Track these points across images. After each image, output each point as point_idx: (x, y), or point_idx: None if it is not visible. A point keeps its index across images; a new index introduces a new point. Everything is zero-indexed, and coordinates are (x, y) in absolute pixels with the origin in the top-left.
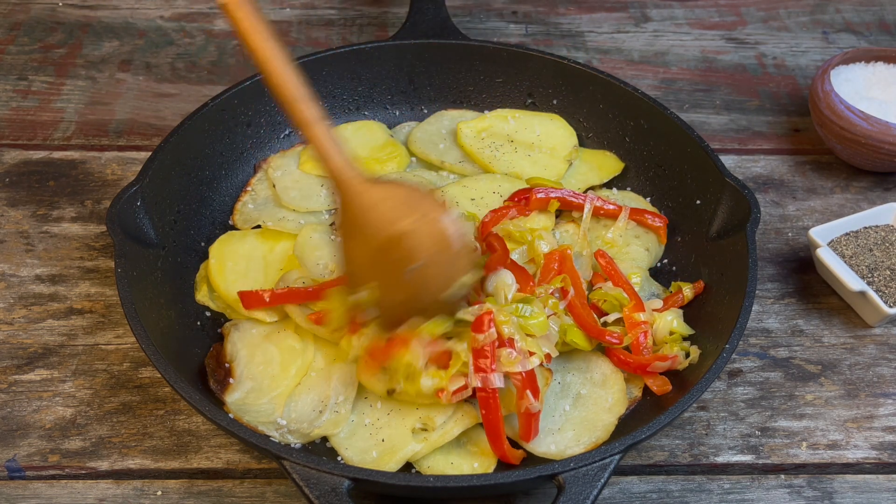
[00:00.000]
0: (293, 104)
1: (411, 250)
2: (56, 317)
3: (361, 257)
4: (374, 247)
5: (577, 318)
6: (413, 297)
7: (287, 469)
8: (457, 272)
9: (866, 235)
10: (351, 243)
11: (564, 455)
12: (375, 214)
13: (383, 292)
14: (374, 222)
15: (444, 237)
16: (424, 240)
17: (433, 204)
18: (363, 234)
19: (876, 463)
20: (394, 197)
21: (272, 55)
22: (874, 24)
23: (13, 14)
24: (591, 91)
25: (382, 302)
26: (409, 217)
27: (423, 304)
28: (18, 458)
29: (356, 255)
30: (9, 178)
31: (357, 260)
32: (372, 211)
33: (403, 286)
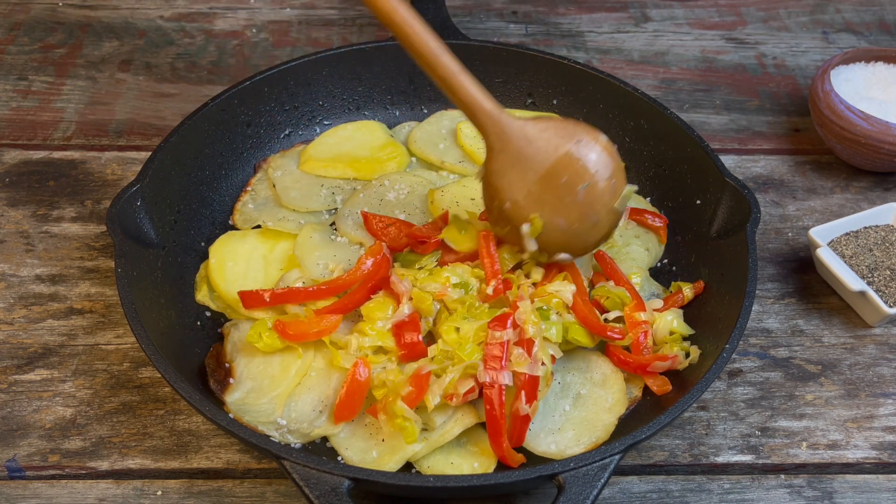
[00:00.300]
0: (435, 58)
1: (580, 170)
2: (56, 317)
3: (523, 189)
4: (539, 175)
5: (580, 315)
6: (582, 218)
7: (287, 469)
8: (620, 185)
9: (866, 235)
10: (509, 179)
11: (564, 455)
12: (540, 144)
13: (549, 220)
14: (539, 151)
15: (606, 154)
16: (591, 159)
17: (587, 128)
18: (526, 165)
19: (876, 463)
20: (551, 128)
21: (405, 17)
22: (874, 24)
23: (13, 14)
24: (591, 91)
25: (546, 231)
26: (570, 141)
27: (591, 223)
28: (18, 458)
29: (517, 189)
30: (9, 178)
31: (518, 193)
32: (536, 141)
33: (571, 209)
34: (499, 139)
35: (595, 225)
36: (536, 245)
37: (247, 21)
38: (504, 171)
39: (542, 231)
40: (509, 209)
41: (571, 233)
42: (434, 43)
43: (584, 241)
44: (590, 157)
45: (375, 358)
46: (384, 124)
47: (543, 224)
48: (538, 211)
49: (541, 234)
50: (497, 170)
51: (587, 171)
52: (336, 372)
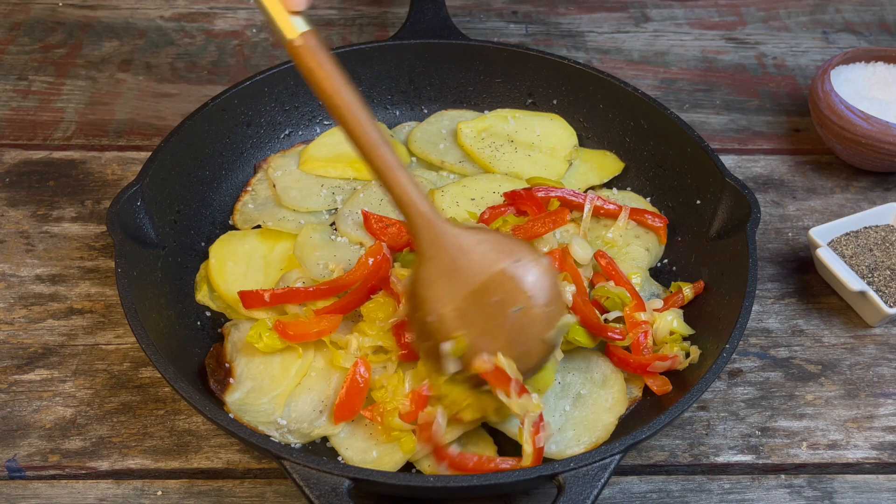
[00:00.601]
0: (373, 150)
1: (515, 291)
2: (56, 317)
3: (450, 303)
4: (469, 290)
5: (580, 315)
6: (510, 344)
7: (287, 469)
8: (557, 314)
9: (866, 235)
10: (437, 290)
11: (564, 455)
12: (475, 256)
13: (474, 341)
14: (473, 264)
15: (546, 278)
16: (528, 280)
17: (527, 248)
18: (457, 278)
19: (876, 463)
20: (489, 241)
21: (347, 101)
22: (874, 24)
23: (13, 14)
24: (591, 91)
25: (469, 353)
26: (508, 259)
27: (520, 351)
28: (18, 458)
29: (444, 302)
30: (9, 178)
31: (445, 307)
32: (471, 254)
33: (500, 332)
34: (431, 245)
35: (524, 354)
36: (457, 366)
37: (247, 21)
38: (433, 280)
39: (465, 353)
40: (433, 323)
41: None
42: (375, 134)
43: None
44: (527, 278)
45: (375, 358)
46: (384, 124)
47: (467, 345)
48: (464, 330)
49: (463, 355)
50: (425, 278)
51: (522, 293)
52: (336, 372)
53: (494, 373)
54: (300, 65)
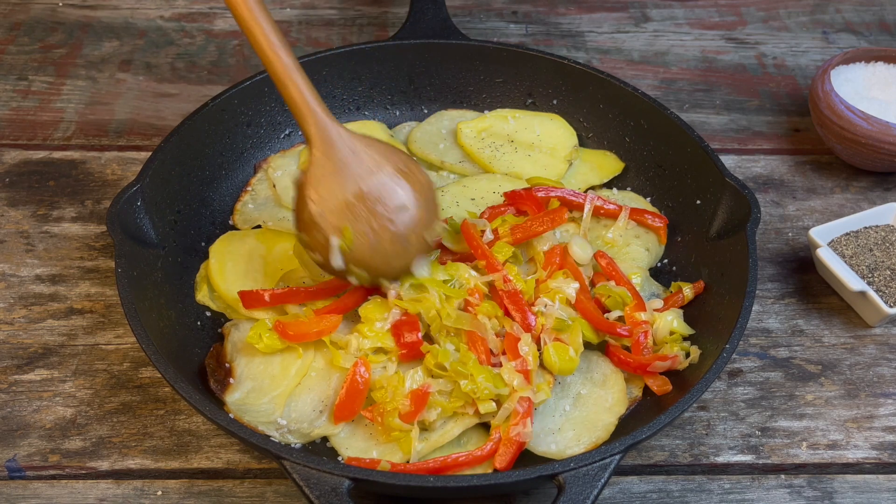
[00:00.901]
0: (272, 50)
1: (400, 193)
2: (56, 317)
3: (340, 199)
4: (358, 188)
5: (584, 312)
6: (393, 240)
7: (287, 469)
8: (433, 218)
9: (866, 235)
10: (328, 186)
11: (564, 455)
12: (365, 158)
13: (360, 235)
14: (362, 165)
15: (427, 185)
16: (413, 182)
17: (411, 158)
18: (348, 176)
19: (876, 463)
20: (377, 145)
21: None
22: (874, 24)
23: (13, 14)
24: (591, 91)
25: (355, 247)
26: (396, 163)
27: (402, 247)
28: (18, 458)
29: (334, 198)
30: (9, 178)
31: (334, 202)
32: (361, 155)
33: (385, 229)
34: (324, 143)
35: (404, 250)
36: (342, 261)
37: None
38: (324, 177)
39: (352, 246)
40: (322, 217)
41: (380, 253)
42: (276, 38)
43: (390, 265)
44: (413, 181)
45: (375, 358)
46: (384, 124)
47: (353, 239)
48: (351, 224)
49: (349, 249)
50: (318, 175)
51: (408, 195)
52: (336, 372)
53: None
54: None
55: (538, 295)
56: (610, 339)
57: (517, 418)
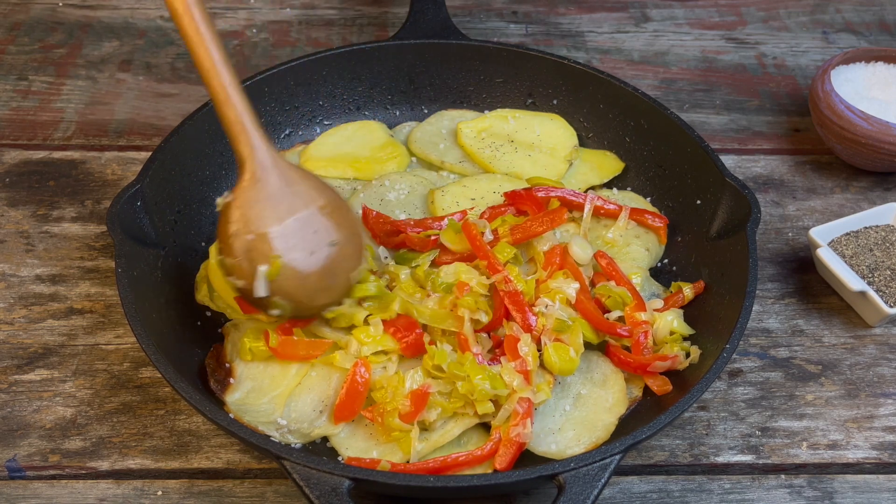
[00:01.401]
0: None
1: (333, 228)
2: (56, 317)
3: (271, 225)
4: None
5: (584, 312)
6: (321, 275)
7: (287, 469)
8: (360, 259)
9: (866, 235)
10: (261, 210)
11: (564, 455)
12: (300, 188)
13: (287, 265)
14: (298, 195)
15: (358, 224)
16: (345, 220)
17: (338, 195)
18: (282, 203)
19: (876, 463)
20: (311, 179)
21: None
22: (874, 24)
23: (13, 14)
24: (591, 91)
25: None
26: (330, 197)
27: (327, 283)
28: (19, 458)
29: (265, 223)
30: (9, 178)
31: (266, 227)
32: (297, 185)
33: (313, 262)
34: (259, 168)
35: (329, 287)
36: (267, 289)
37: (247, 21)
38: (257, 202)
39: (278, 276)
40: (251, 241)
41: (306, 287)
42: (217, 53)
43: (313, 300)
44: (344, 219)
45: (375, 358)
46: (384, 124)
47: (282, 269)
48: (279, 252)
49: (274, 279)
50: (250, 199)
51: (340, 230)
52: (336, 372)
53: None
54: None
55: (538, 295)
56: (610, 339)
57: (517, 419)
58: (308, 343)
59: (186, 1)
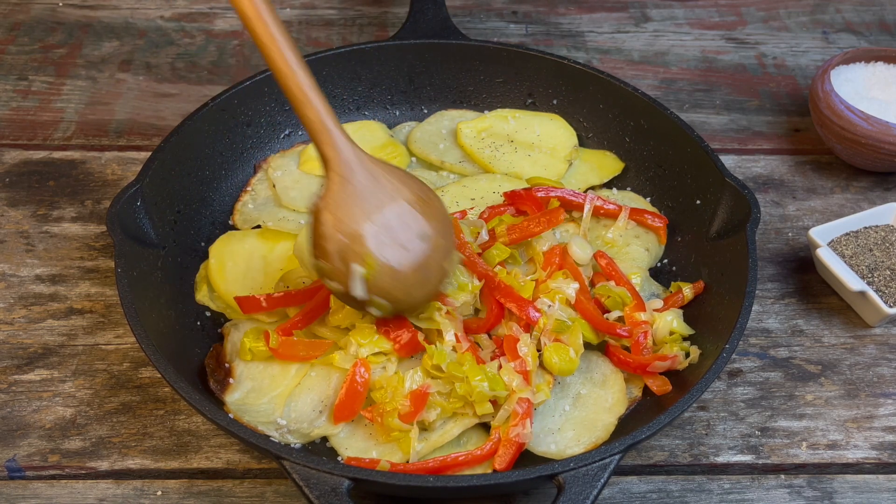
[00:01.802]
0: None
1: (422, 220)
2: (56, 317)
3: (362, 224)
4: (381, 214)
5: (583, 313)
6: (415, 268)
7: (287, 469)
8: (452, 247)
9: (866, 235)
10: (349, 210)
11: (564, 455)
12: (386, 183)
13: (382, 263)
14: (384, 190)
15: (446, 213)
16: (434, 211)
17: (424, 184)
18: (370, 201)
19: (876, 463)
20: (398, 171)
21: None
22: (874, 24)
23: (13, 14)
24: (591, 91)
25: (377, 276)
26: (417, 190)
27: (423, 276)
28: (18, 458)
29: (356, 222)
30: (9, 178)
31: (357, 226)
32: (382, 180)
33: (407, 256)
34: (344, 167)
35: (425, 279)
36: (364, 290)
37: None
38: (344, 201)
39: (374, 274)
40: (344, 243)
41: (401, 282)
42: (292, 55)
43: (410, 295)
44: (433, 209)
45: (375, 358)
46: (384, 124)
47: (376, 266)
48: (373, 251)
49: (371, 278)
50: (338, 200)
51: (429, 222)
52: (336, 372)
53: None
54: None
55: (537, 296)
56: (610, 339)
57: (516, 419)
58: (308, 343)
59: (258, 7)
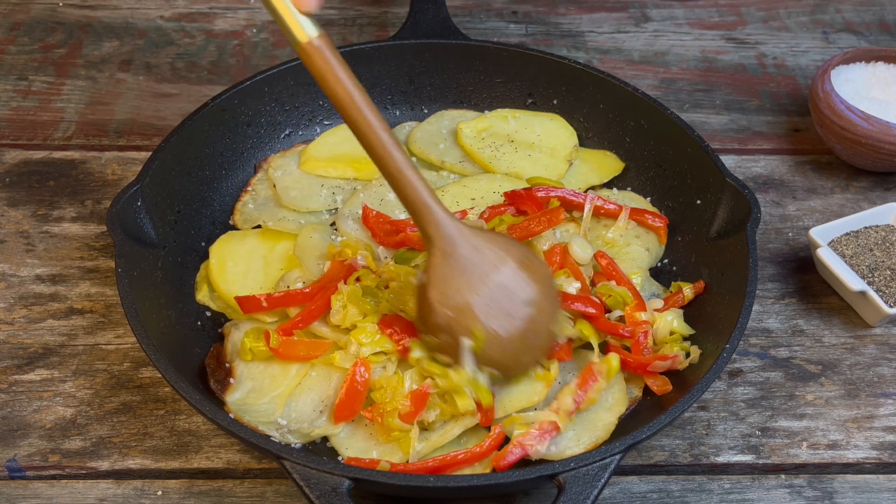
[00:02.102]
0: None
1: (526, 286)
2: (56, 317)
3: (466, 297)
4: (485, 285)
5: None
6: (523, 336)
7: (287, 469)
8: (557, 308)
9: (866, 235)
10: (454, 284)
11: (564, 455)
12: (487, 253)
13: (490, 334)
14: (486, 260)
15: (550, 276)
16: (537, 275)
17: (530, 249)
18: (473, 273)
19: (876, 463)
20: (499, 239)
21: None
22: (874, 24)
23: (13, 14)
24: (591, 91)
25: (485, 347)
26: (518, 255)
27: (531, 342)
28: (19, 458)
29: (461, 296)
30: (9, 178)
31: (462, 300)
32: (484, 250)
33: (513, 325)
34: (446, 242)
35: (533, 346)
36: (474, 363)
37: (247, 21)
38: (449, 277)
39: (483, 346)
40: (451, 318)
41: (510, 350)
42: (386, 136)
43: (519, 362)
44: (536, 273)
45: (375, 358)
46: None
47: (485, 338)
48: (480, 324)
49: (480, 350)
50: (442, 275)
51: (533, 287)
52: (336, 372)
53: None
54: (312, 68)
55: None
56: (610, 338)
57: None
58: (308, 343)
59: (351, 92)
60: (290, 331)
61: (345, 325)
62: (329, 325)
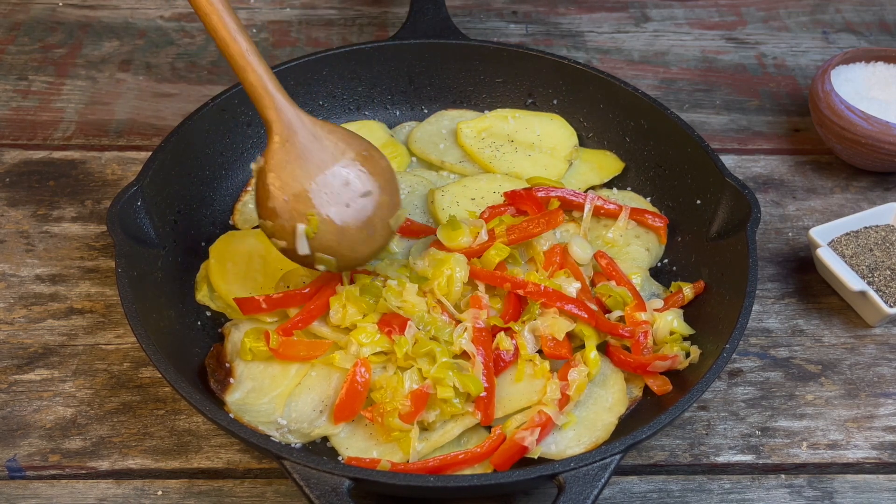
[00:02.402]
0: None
1: (364, 178)
2: (56, 317)
3: (304, 184)
4: (323, 173)
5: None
6: (359, 226)
7: (287, 469)
8: (397, 204)
9: (866, 235)
10: (292, 171)
11: (564, 455)
12: (327, 143)
13: (325, 220)
14: (325, 150)
15: (389, 171)
16: (377, 168)
17: (371, 144)
18: (311, 161)
19: (876, 463)
20: (339, 131)
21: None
22: (874, 24)
23: (13, 14)
24: (591, 91)
25: (320, 233)
26: (358, 149)
27: (367, 233)
28: (19, 458)
29: (298, 183)
30: (9, 178)
31: (299, 186)
32: (323, 140)
33: (349, 214)
34: (286, 129)
35: (370, 237)
36: (308, 247)
37: (247, 21)
38: (287, 162)
39: (317, 232)
40: (287, 203)
41: (346, 239)
42: (231, 21)
43: (355, 251)
44: (376, 167)
45: (375, 358)
46: (384, 124)
47: (319, 225)
48: (316, 210)
49: (314, 236)
50: (280, 161)
51: (371, 180)
52: (336, 372)
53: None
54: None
55: None
56: (610, 338)
57: (530, 425)
58: (308, 343)
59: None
60: (289, 331)
61: (344, 325)
62: (329, 325)
